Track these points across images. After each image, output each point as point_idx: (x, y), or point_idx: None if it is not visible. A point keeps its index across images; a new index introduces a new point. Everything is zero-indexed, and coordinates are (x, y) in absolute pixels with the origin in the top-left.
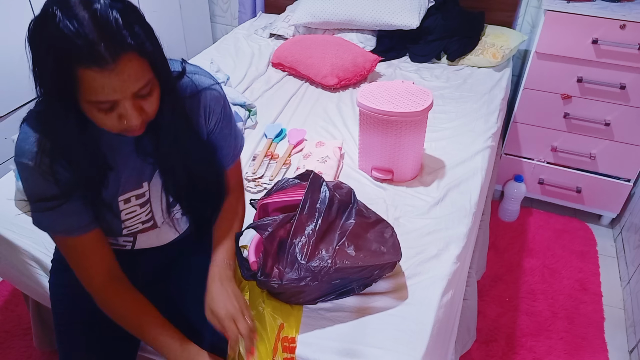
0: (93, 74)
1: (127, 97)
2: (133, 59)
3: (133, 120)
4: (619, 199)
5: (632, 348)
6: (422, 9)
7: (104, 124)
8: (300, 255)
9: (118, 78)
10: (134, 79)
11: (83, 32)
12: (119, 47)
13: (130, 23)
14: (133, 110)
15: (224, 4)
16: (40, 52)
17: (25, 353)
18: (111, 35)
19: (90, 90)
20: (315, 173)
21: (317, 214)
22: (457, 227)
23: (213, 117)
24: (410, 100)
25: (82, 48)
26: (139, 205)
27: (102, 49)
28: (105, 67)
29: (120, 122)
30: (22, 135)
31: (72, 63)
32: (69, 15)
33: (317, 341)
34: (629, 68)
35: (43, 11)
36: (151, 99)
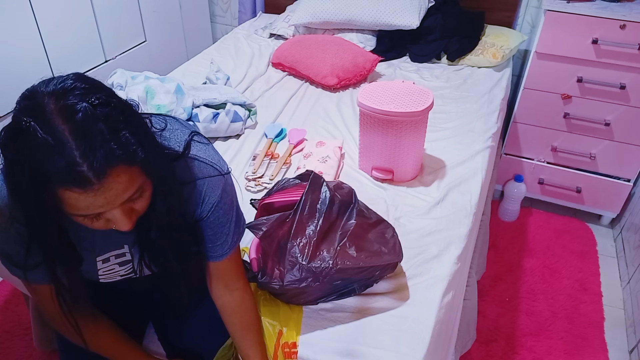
0: (75, 195)
1: (115, 207)
2: (121, 172)
3: (123, 227)
4: (619, 199)
5: (632, 348)
6: (422, 9)
7: (92, 227)
8: (301, 255)
9: (104, 196)
10: (122, 191)
11: (62, 151)
12: (105, 163)
13: (117, 130)
14: (123, 216)
15: (224, 4)
16: (15, 166)
17: (25, 353)
18: (95, 151)
19: (73, 208)
20: (316, 173)
21: (317, 214)
22: (458, 227)
23: (206, 207)
24: (410, 100)
25: (62, 170)
26: (118, 264)
27: (84, 169)
28: (89, 188)
29: (108, 224)
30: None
31: (51, 184)
32: (45, 131)
33: (318, 341)
34: (629, 68)
35: (15, 122)
36: (142, 200)
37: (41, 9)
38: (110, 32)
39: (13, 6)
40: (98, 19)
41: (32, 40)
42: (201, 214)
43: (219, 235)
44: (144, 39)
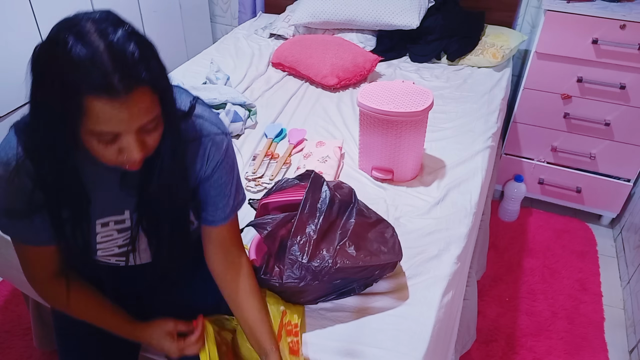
0: (102, 105)
1: (132, 130)
2: (146, 93)
3: (134, 155)
4: (619, 199)
5: (632, 348)
6: (422, 9)
7: (102, 156)
8: (301, 254)
9: (128, 111)
10: (144, 113)
11: (98, 60)
12: (134, 80)
13: (147, 57)
14: (136, 144)
15: (224, 4)
16: (45, 78)
17: (25, 353)
18: (127, 67)
19: (95, 121)
20: (316, 173)
21: (318, 213)
22: (458, 227)
23: (211, 164)
24: (410, 100)
25: (95, 76)
26: (117, 231)
27: (116, 79)
28: (117, 98)
29: (119, 155)
30: (5, 141)
31: (82, 91)
32: (83, 43)
33: (318, 341)
34: (629, 68)
35: (52, 37)
36: (154, 135)
37: (41, 9)
38: None
39: (13, 6)
40: None
41: (32, 40)
42: (205, 172)
43: (221, 197)
44: None
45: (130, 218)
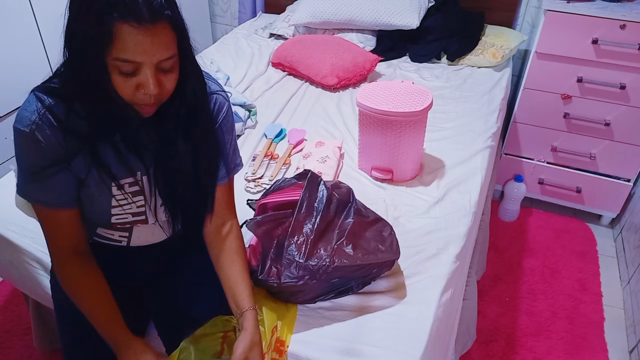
0: (130, 29)
1: (152, 63)
2: (167, 28)
3: (151, 89)
4: (619, 199)
5: (632, 348)
6: (422, 9)
7: (122, 89)
8: (298, 254)
9: (151, 40)
10: (165, 47)
11: None
12: (158, 13)
13: (170, 1)
14: (153, 78)
15: (224, 4)
16: (81, 7)
17: (25, 353)
18: (154, 1)
19: (122, 46)
20: (313, 172)
21: (315, 212)
22: (457, 226)
23: (215, 118)
24: (410, 100)
25: (125, 3)
26: (131, 194)
27: (144, 8)
28: (143, 25)
29: (137, 91)
30: (25, 103)
31: (113, 16)
32: None
33: (316, 340)
34: (629, 68)
35: None
36: (171, 76)
37: (41, 9)
38: None
39: (13, 7)
40: None
41: (32, 40)
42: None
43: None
44: None
45: (142, 180)
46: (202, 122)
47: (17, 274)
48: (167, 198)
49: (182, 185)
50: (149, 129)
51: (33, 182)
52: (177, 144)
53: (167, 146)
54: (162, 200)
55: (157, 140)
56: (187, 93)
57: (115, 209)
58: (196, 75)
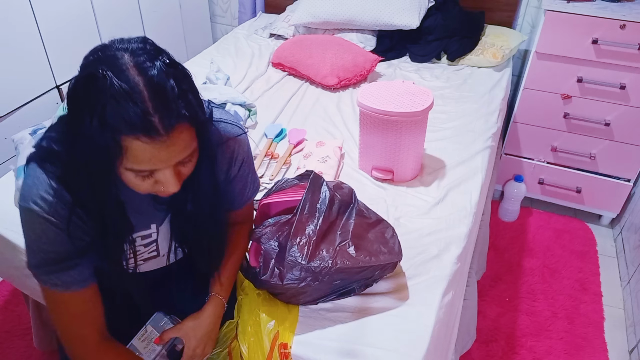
0: (142, 145)
1: (169, 166)
2: (184, 130)
3: (171, 188)
4: (619, 199)
5: (632, 348)
6: (422, 9)
7: (137, 187)
8: (300, 255)
9: (168, 150)
10: (182, 149)
11: (137, 99)
12: (174, 118)
13: (185, 91)
14: (173, 177)
15: (224, 4)
16: (83, 114)
17: (25, 353)
18: (167, 106)
19: (134, 160)
20: (316, 173)
21: (317, 214)
22: (458, 227)
23: (237, 163)
24: (410, 100)
25: (135, 117)
26: (143, 245)
27: (156, 120)
28: (157, 138)
29: (155, 187)
30: (31, 179)
31: (121, 131)
32: (121, 80)
33: (318, 341)
34: (629, 68)
35: (90, 71)
36: (190, 165)
37: (41, 9)
38: (110, 32)
39: (13, 6)
40: (98, 19)
41: (32, 40)
42: (233, 172)
43: (244, 188)
44: None
45: (157, 231)
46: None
47: (17, 274)
48: (182, 242)
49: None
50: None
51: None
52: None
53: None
54: (178, 244)
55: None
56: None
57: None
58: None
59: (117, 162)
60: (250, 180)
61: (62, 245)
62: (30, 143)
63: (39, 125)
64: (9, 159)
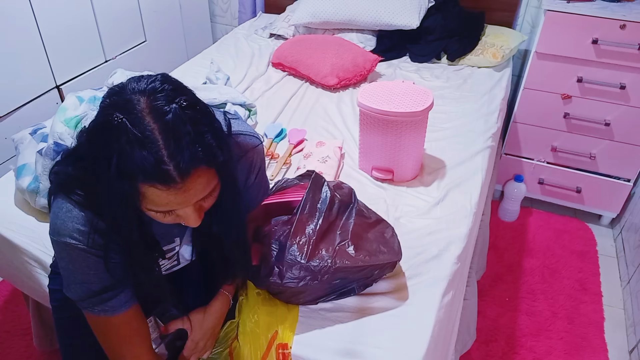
0: (158, 192)
1: (189, 205)
2: (202, 174)
3: (192, 224)
4: (619, 199)
5: (632, 348)
6: (422, 9)
7: (161, 220)
8: (300, 254)
9: (185, 195)
10: (201, 191)
11: (153, 148)
12: (190, 164)
13: (202, 133)
14: (194, 214)
15: (224, 4)
16: (101, 159)
17: (25, 353)
18: (182, 152)
19: (152, 203)
20: (317, 173)
21: (317, 213)
22: (458, 227)
23: (254, 172)
24: (410, 100)
25: (149, 166)
26: (168, 259)
27: (171, 168)
28: (173, 187)
29: (177, 220)
30: (63, 212)
31: (137, 179)
32: (136, 128)
33: (318, 341)
34: (629, 68)
35: (104, 116)
36: (212, 198)
37: (41, 9)
38: (110, 32)
39: (13, 6)
40: (98, 19)
41: (32, 40)
42: (251, 180)
43: (258, 191)
44: (144, 39)
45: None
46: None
47: (17, 274)
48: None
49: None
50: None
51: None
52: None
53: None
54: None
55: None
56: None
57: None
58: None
59: (137, 204)
60: (263, 183)
61: (105, 273)
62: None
63: (39, 125)
64: (9, 159)
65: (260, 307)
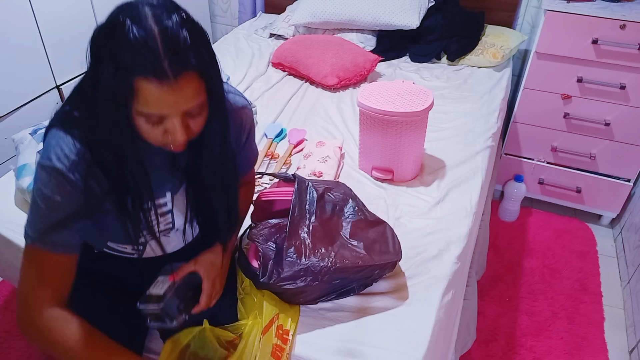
0: (151, 87)
1: (177, 113)
2: (193, 79)
3: (178, 137)
4: (619, 199)
5: (632, 348)
6: (422, 9)
7: (148, 136)
8: (299, 255)
9: (175, 95)
10: (190, 97)
11: (151, 44)
12: (182, 65)
13: (197, 45)
14: (180, 127)
15: (224, 4)
16: (102, 58)
17: (26, 353)
18: (177, 53)
19: (144, 102)
20: (300, 177)
21: (308, 215)
22: (458, 227)
23: (244, 133)
24: (410, 100)
25: (146, 60)
26: (160, 215)
27: (166, 64)
28: (165, 82)
29: (164, 137)
30: (55, 139)
31: (133, 72)
32: (138, 27)
33: (318, 341)
34: (629, 68)
35: (111, 19)
36: (199, 119)
37: (41, 10)
38: None
39: (13, 6)
40: (98, 19)
41: (32, 40)
42: (242, 140)
43: (249, 155)
44: None
45: (172, 201)
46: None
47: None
48: (198, 212)
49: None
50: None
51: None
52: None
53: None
54: (194, 214)
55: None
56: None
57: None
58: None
59: (130, 105)
60: (254, 148)
61: (71, 205)
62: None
63: (39, 125)
64: (9, 159)
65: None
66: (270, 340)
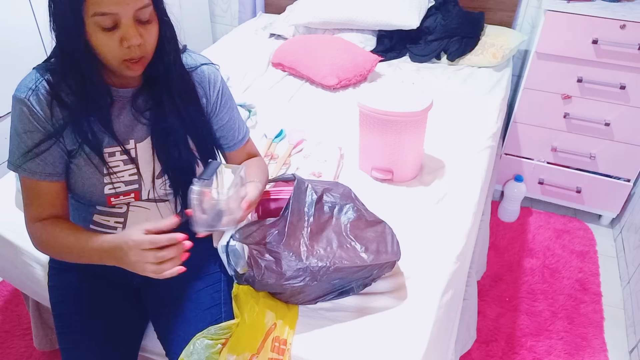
0: None
1: (129, 14)
2: None
3: (133, 40)
4: (619, 199)
5: (632, 348)
6: (422, 9)
7: (106, 47)
8: (298, 255)
9: None
10: None
11: None
12: None
13: None
14: (134, 29)
15: (224, 4)
16: None
17: (25, 353)
18: None
19: (96, 3)
20: (300, 177)
21: (306, 216)
22: (457, 227)
23: (214, 89)
24: (410, 100)
25: None
26: (123, 162)
27: None
28: None
29: (120, 45)
30: (26, 76)
31: None
32: None
33: (317, 341)
34: (629, 68)
35: None
36: (150, 28)
37: (41, 9)
38: None
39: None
40: None
41: (32, 40)
42: (212, 98)
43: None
44: None
45: (135, 149)
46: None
47: (17, 274)
48: (166, 165)
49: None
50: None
51: (24, 153)
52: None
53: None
54: (162, 167)
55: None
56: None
57: (106, 177)
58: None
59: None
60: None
61: (37, 133)
62: None
63: None
64: None
65: (261, 299)
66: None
